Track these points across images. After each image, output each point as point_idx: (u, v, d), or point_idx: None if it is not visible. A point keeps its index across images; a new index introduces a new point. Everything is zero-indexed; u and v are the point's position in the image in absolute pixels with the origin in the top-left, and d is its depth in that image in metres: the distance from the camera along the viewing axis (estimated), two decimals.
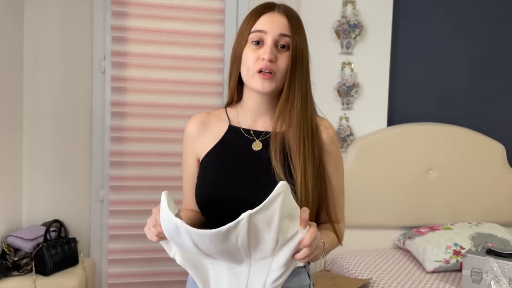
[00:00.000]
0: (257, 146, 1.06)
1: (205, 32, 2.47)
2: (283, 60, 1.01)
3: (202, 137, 1.11)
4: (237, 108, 1.13)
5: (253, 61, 1.01)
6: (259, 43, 1.02)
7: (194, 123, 1.12)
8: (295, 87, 1.02)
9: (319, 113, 1.12)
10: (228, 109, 1.14)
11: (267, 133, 1.07)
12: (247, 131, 1.09)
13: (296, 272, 1.02)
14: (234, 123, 1.11)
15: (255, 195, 0.93)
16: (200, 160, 1.10)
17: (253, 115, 1.09)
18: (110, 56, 2.37)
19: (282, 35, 1.01)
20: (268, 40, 1.01)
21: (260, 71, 1.01)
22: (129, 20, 2.40)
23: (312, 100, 1.08)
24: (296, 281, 1.04)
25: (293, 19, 1.04)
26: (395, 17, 2.51)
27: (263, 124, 1.09)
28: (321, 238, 0.93)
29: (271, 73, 1.01)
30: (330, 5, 2.41)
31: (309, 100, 1.05)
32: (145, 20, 2.41)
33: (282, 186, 0.83)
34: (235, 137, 1.09)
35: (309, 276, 1.10)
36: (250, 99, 1.08)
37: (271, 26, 1.01)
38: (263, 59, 1.00)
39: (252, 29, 1.03)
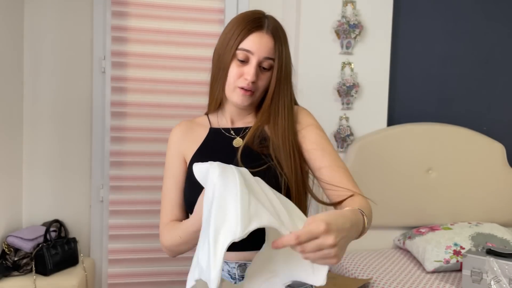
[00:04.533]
0: (237, 143, 1.11)
1: (205, 32, 2.47)
2: (264, 80, 1.07)
3: (186, 142, 1.16)
4: (218, 112, 1.19)
5: (236, 77, 1.06)
6: (244, 61, 1.06)
7: (178, 129, 1.19)
8: (279, 101, 1.09)
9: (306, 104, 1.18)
10: (210, 115, 1.20)
11: (246, 128, 1.13)
12: (228, 130, 1.14)
13: None
14: (215, 125, 1.17)
15: None
16: (187, 166, 1.14)
17: (233, 116, 1.15)
18: (110, 56, 2.37)
19: (267, 58, 1.05)
20: (253, 61, 1.05)
21: (241, 87, 1.06)
22: (129, 20, 2.40)
23: (293, 106, 1.12)
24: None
25: (279, 40, 1.07)
26: (395, 17, 2.51)
27: (242, 121, 1.15)
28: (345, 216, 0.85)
29: (252, 91, 1.07)
30: (330, 5, 2.41)
31: (291, 108, 1.10)
32: (145, 20, 2.41)
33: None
34: (217, 138, 1.14)
35: None
36: (230, 105, 1.14)
37: (258, 47, 1.05)
38: (246, 79, 1.05)
39: (240, 47, 1.06)
